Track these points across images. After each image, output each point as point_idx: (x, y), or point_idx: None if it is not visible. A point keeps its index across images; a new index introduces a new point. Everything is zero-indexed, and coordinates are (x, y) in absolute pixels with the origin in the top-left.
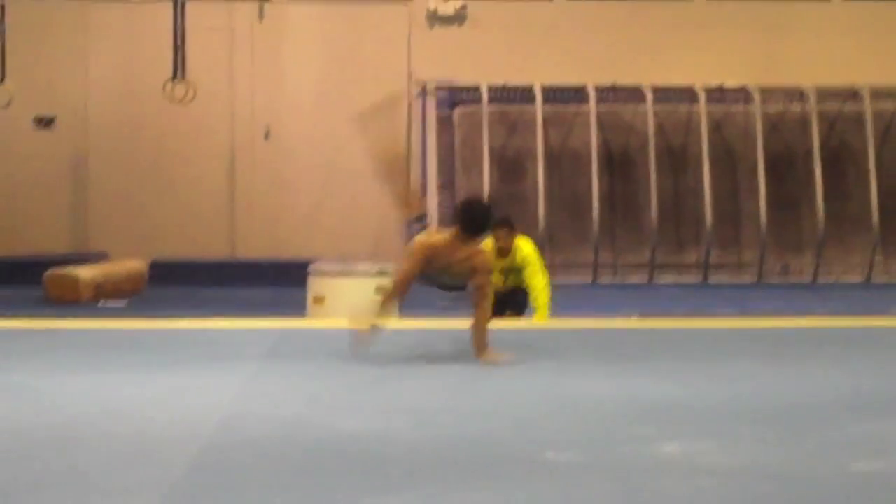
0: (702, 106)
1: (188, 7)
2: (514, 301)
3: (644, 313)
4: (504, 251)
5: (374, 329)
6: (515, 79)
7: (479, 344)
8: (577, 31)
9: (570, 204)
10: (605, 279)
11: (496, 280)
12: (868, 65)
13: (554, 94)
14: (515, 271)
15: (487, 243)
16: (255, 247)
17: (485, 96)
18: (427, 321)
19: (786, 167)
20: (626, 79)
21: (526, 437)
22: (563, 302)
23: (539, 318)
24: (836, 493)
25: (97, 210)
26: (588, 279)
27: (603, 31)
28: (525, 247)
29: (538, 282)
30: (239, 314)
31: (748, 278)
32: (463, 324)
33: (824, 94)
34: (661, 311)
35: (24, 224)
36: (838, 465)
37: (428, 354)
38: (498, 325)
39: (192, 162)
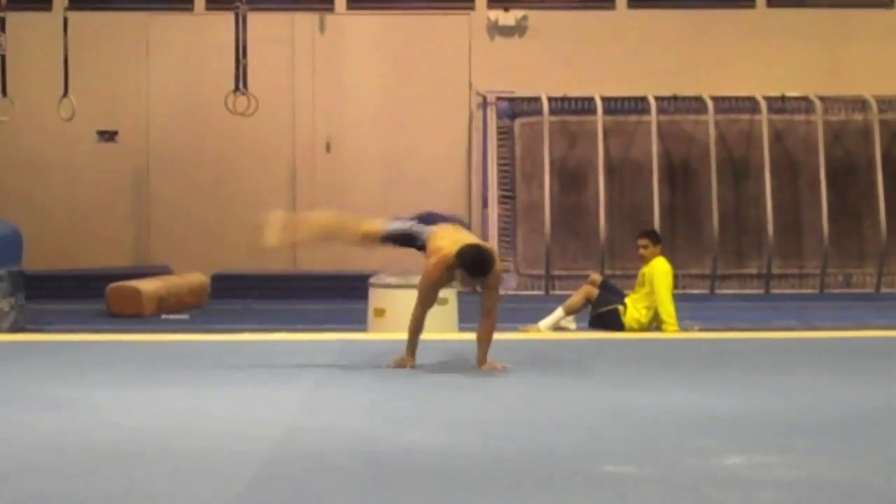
0: (763, 116)
1: (250, 19)
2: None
3: (705, 325)
4: (640, 258)
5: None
6: (576, 89)
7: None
8: (638, 41)
9: (630, 215)
10: None
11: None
12: None
13: (614, 105)
14: (646, 287)
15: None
16: (317, 260)
17: (545, 107)
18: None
19: (848, 177)
20: (686, 89)
21: (585, 450)
22: None
23: (667, 329)
24: None
25: (159, 223)
26: None
27: (663, 42)
28: (658, 266)
29: (659, 302)
30: (300, 327)
31: (810, 289)
32: (521, 335)
33: (886, 104)
34: (723, 323)
35: (87, 238)
36: None
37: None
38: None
39: (253, 174)
